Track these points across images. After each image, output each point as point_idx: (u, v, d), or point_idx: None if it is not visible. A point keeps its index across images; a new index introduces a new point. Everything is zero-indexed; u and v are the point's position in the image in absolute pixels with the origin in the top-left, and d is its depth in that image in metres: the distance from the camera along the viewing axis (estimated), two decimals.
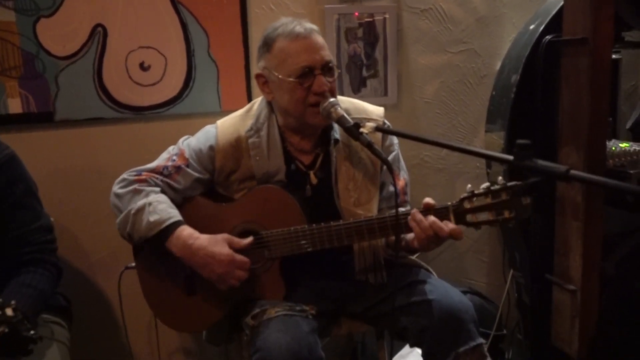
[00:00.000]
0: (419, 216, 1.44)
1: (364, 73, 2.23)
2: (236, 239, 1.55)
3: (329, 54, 1.57)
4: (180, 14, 2.03)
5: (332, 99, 1.53)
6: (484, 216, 1.41)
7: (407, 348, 2.08)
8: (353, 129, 1.46)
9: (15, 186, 1.54)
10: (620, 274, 1.94)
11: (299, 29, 1.54)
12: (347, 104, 1.69)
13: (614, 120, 2.17)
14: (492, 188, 1.40)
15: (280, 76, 1.55)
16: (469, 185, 1.44)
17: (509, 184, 1.39)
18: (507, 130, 2.04)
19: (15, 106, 1.94)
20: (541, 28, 1.98)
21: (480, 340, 1.51)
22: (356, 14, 2.16)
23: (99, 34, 1.97)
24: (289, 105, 1.57)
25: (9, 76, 1.92)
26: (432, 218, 1.43)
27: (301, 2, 2.14)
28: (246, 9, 2.08)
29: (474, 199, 1.42)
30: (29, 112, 1.95)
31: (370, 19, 2.18)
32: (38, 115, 1.96)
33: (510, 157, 1.08)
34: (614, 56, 2.03)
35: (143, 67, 2.03)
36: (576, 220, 1.85)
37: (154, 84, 2.05)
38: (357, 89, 2.23)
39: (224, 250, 1.52)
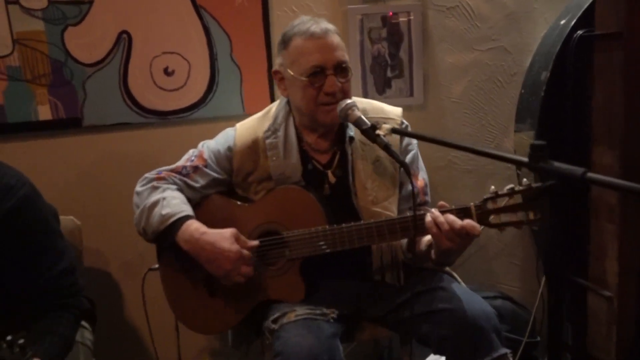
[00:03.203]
0: (436, 213, 1.40)
1: (389, 73, 2.19)
2: (242, 238, 1.55)
3: (343, 55, 1.56)
4: (202, 18, 2.04)
5: (349, 101, 1.52)
6: (507, 217, 1.37)
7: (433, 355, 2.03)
8: (370, 131, 1.43)
9: (35, 230, 1.45)
10: None
11: (314, 28, 1.54)
12: (365, 104, 1.68)
13: None
14: (516, 189, 1.36)
15: (293, 74, 1.56)
16: (492, 187, 1.40)
17: (534, 184, 1.34)
18: (537, 129, 1.97)
19: (45, 113, 1.99)
20: (572, 23, 1.91)
21: (503, 350, 1.45)
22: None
23: (124, 41, 2.00)
24: (301, 103, 1.58)
25: (38, 84, 1.97)
26: (450, 216, 1.38)
27: (324, 3, 2.13)
28: (268, 11, 2.08)
29: (498, 199, 1.38)
30: (58, 119, 2.01)
31: (396, 20, 2.15)
32: (67, 121, 2.01)
33: (525, 159, 1.03)
34: None
35: (167, 72, 2.06)
36: (611, 223, 1.77)
37: (178, 89, 2.07)
38: (381, 90, 2.20)
39: (233, 246, 1.51)
